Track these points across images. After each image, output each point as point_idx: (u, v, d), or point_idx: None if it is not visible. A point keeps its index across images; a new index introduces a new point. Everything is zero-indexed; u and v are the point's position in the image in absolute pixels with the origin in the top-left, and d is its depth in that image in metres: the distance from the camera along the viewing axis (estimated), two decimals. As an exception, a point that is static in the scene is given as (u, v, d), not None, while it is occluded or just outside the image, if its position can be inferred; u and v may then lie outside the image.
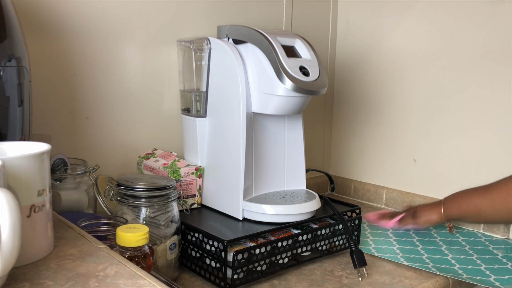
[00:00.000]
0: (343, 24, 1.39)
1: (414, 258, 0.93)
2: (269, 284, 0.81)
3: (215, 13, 1.11)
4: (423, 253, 0.96)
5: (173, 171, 0.89)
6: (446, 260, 0.93)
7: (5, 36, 0.60)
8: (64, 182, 0.84)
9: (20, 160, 0.46)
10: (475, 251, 0.99)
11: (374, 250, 0.97)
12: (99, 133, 0.97)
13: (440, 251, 0.98)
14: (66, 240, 0.54)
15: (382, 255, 0.94)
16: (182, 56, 1.00)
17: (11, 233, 0.39)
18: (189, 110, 0.98)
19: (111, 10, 0.96)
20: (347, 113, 1.40)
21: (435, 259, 0.93)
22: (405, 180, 1.27)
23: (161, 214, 0.77)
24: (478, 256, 0.96)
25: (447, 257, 0.95)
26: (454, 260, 0.94)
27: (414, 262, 0.91)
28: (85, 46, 0.93)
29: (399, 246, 1.00)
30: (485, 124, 1.11)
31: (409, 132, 1.25)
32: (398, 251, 0.97)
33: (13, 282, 0.43)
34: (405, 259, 0.92)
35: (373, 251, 0.96)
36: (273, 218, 0.86)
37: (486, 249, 1.00)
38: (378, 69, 1.31)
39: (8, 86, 0.60)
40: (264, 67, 0.85)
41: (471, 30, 1.12)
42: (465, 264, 0.92)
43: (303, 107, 0.89)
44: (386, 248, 0.98)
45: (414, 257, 0.94)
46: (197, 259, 0.82)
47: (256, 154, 0.92)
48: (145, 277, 0.45)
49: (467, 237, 1.07)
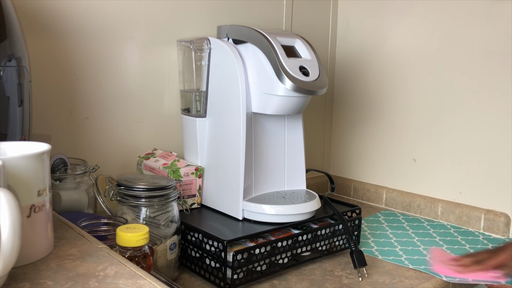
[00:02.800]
0: (343, 24, 1.39)
1: (418, 260, 0.93)
2: (269, 284, 0.81)
3: (215, 13, 1.11)
4: (426, 254, 0.96)
5: (173, 171, 0.89)
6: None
7: (5, 36, 0.60)
8: (64, 182, 0.84)
9: (20, 160, 0.46)
10: (475, 250, 0.99)
11: (377, 252, 0.97)
12: (99, 133, 0.97)
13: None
14: (66, 240, 0.54)
15: (386, 258, 0.94)
16: (182, 56, 1.00)
17: (11, 233, 0.39)
18: (189, 110, 0.98)
19: (111, 10, 0.96)
20: (347, 113, 1.40)
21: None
22: (405, 180, 1.27)
23: (161, 214, 0.77)
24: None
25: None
26: None
27: (419, 265, 0.91)
28: (85, 46, 0.93)
29: (401, 247, 1.00)
30: (485, 124, 1.11)
31: (409, 132, 1.25)
32: (401, 252, 0.97)
33: (13, 282, 0.43)
34: (410, 261, 0.92)
35: (376, 253, 0.96)
36: (273, 218, 0.86)
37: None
38: (378, 69, 1.31)
39: (8, 86, 0.60)
40: (264, 67, 0.85)
41: (471, 30, 1.12)
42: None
43: (303, 107, 0.89)
44: (388, 250, 0.98)
45: (418, 259, 0.94)
46: (197, 259, 0.82)
47: (256, 154, 0.92)
48: (145, 277, 0.45)
49: (466, 236, 1.07)
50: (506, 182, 1.08)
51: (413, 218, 1.19)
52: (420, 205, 1.22)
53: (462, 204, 1.15)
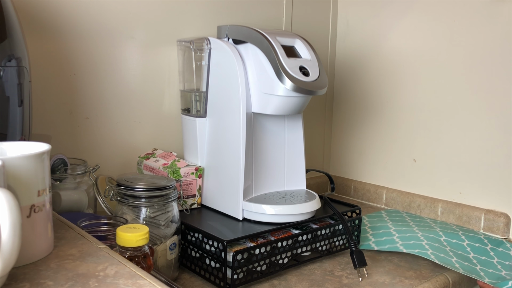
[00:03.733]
0: (343, 24, 1.39)
1: (414, 244, 0.93)
2: (269, 284, 0.81)
3: (215, 13, 1.11)
4: (423, 239, 0.96)
5: (173, 171, 0.89)
6: (444, 251, 0.94)
7: (5, 36, 0.60)
8: (64, 182, 0.84)
9: (20, 160, 0.46)
10: (472, 248, 0.99)
11: (374, 244, 0.97)
12: (99, 133, 0.97)
13: (439, 241, 0.98)
14: (66, 240, 0.54)
15: (382, 247, 0.94)
16: (182, 56, 1.00)
17: (11, 233, 0.39)
18: (189, 110, 0.98)
19: (111, 10, 0.96)
20: (347, 113, 1.40)
21: (434, 247, 0.93)
22: (405, 180, 1.27)
23: (161, 214, 0.77)
24: (474, 255, 0.97)
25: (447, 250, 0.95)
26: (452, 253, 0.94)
27: (413, 248, 0.91)
28: (85, 46, 0.94)
29: (399, 235, 1.00)
30: (485, 124, 1.11)
31: (409, 132, 1.25)
32: (397, 239, 0.97)
33: (13, 282, 0.43)
34: (404, 246, 0.92)
35: (373, 245, 0.96)
36: (273, 218, 0.86)
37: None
38: (378, 69, 1.31)
39: (8, 86, 0.60)
40: (264, 67, 0.85)
41: (471, 30, 1.12)
42: (462, 259, 0.92)
43: (303, 107, 0.89)
44: (386, 240, 0.98)
45: (414, 243, 0.94)
46: (197, 259, 0.82)
47: (256, 154, 0.92)
48: (145, 277, 0.45)
49: (467, 232, 1.08)
50: (506, 182, 1.08)
51: (416, 215, 1.20)
52: (420, 205, 1.22)
53: (462, 204, 1.15)
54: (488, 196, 1.11)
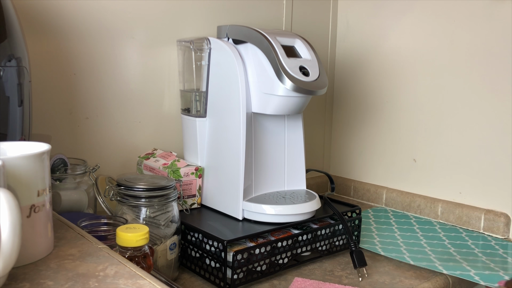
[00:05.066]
0: (343, 24, 1.39)
1: (422, 259, 0.93)
2: (269, 284, 0.81)
3: (215, 13, 1.11)
4: (430, 253, 0.96)
5: (173, 171, 0.89)
6: (452, 256, 0.94)
7: (5, 36, 0.60)
8: (64, 182, 0.84)
9: (20, 160, 0.46)
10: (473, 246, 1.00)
11: (380, 249, 0.96)
12: (99, 133, 0.97)
13: (443, 245, 0.99)
14: (66, 240, 0.54)
15: (389, 254, 0.94)
16: (182, 56, 1.00)
17: (11, 233, 0.39)
18: (189, 110, 0.98)
19: (111, 10, 0.96)
20: (347, 113, 1.40)
21: (443, 259, 0.93)
22: (405, 180, 1.27)
23: (161, 214, 0.77)
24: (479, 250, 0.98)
25: (453, 254, 0.96)
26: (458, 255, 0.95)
27: (421, 261, 0.91)
28: (85, 46, 0.94)
29: (403, 240, 1.01)
30: (485, 124, 1.11)
31: (409, 132, 1.25)
32: (404, 251, 0.96)
33: (13, 282, 0.43)
34: (412, 259, 0.92)
35: (380, 250, 0.96)
36: (273, 218, 0.86)
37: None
38: (378, 69, 1.31)
39: (8, 86, 0.60)
40: (264, 67, 0.85)
41: (471, 30, 1.12)
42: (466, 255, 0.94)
43: (303, 107, 0.89)
44: (392, 249, 0.97)
45: (422, 258, 0.93)
46: (197, 259, 0.82)
47: (256, 154, 0.92)
48: (145, 277, 0.45)
49: (470, 233, 1.08)
50: (506, 182, 1.08)
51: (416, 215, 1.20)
52: (420, 205, 1.22)
53: (462, 204, 1.15)
54: (488, 196, 1.11)
